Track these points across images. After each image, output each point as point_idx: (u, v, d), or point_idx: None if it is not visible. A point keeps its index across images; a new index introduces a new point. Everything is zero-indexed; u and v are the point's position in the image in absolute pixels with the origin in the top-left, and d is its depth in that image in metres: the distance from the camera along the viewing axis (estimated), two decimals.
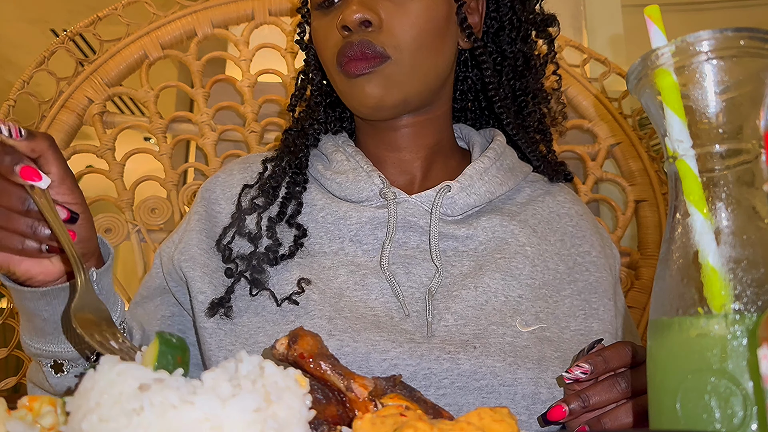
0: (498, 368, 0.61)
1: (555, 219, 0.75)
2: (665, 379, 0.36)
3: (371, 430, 0.34)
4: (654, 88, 0.38)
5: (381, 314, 0.65)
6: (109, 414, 0.31)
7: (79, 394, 0.33)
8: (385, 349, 0.61)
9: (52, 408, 0.39)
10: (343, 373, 0.41)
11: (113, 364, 0.33)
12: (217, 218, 0.75)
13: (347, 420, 0.40)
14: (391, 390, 0.41)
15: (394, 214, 0.69)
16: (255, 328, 0.65)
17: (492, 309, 0.65)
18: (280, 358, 0.42)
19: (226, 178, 0.79)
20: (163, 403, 0.31)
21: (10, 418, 0.38)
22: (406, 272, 0.67)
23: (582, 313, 0.69)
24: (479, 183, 0.72)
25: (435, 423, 0.33)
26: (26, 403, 0.39)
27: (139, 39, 1.15)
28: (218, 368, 0.34)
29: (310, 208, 0.73)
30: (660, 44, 0.38)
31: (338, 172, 0.74)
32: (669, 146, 0.38)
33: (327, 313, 0.64)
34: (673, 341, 0.36)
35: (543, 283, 0.69)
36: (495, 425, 0.34)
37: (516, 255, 0.69)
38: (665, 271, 0.38)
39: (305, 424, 0.34)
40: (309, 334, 0.42)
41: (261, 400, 0.32)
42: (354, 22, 0.66)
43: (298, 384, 0.35)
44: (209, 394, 0.31)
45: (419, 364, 0.61)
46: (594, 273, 0.72)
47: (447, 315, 0.65)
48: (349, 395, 0.41)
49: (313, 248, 0.71)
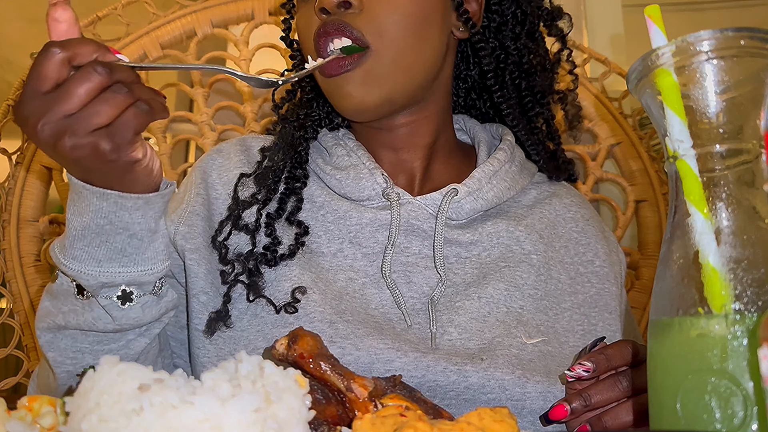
0: (507, 381, 0.60)
1: (561, 223, 0.73)
2: (665, 379, 0.36)
3: (371, 430, 0.34)
4: (654, 88, 0.38)
5: (382, 321, 0.63)
6: (109, 414, 0.31)
7: (78, 394, 0.33)
8: (389, 359, 0.60)
9: (51, 408, 0.39)
10: (343, 374, 0.41)
11: (113, 365, 0.33)
12: (215, 204, 0.71)
13: (347, 420, 0.40)
14: (391, 390, 0.41)
15: (398, 216, 0.66)
16: (254, 332, 0.64)
17: (495, 321, 0.64)
18: (279, 359, 0.42)
19: (223, 162, 0.74)
20: (162, 403, 0.31)
21: (10, 419, 0.38)
22: (407, 281, 0.65)
23: (581, 329, 0.68)
24: (488, 187, 0.69)
25: (435, 423, 0.33)
26: (26, 404, 0.39)
27: (139, 39, 1.15)
28: (218, 368, 0.34)
29: (309, 204, 0.70)
30: (660, 44, 0.38)
31: (338, 167, 0.71)
32: (669, 146, 0.38)
33: (328, 317, 0.62)
34: (674, 341, 0.36)
35: (545, 294, 0.67)
36: (495, 425, 0.34)
37: (521, 264, 0.67)
38: (665, 271, 0.38)
39: (305, 424, 0.34)
40: (309, 335, 0.42)
41: (261, 400, 0.32)
42: (331, 1, 0.62)
43: (298, 384, 0.35)
44: (209, 394, 0.31)
45: (425, 375, 0.59)
46: (596, 285, 0.71)
47: (450, 328, 0.63)
48: (349, 395, 0.41)
49: (312, 247, 0.68)
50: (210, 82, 1.18)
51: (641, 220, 1.16)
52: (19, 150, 1.10)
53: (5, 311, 1.05)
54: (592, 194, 1.18)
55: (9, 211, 1.08)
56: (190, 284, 0.68)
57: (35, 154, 1.10)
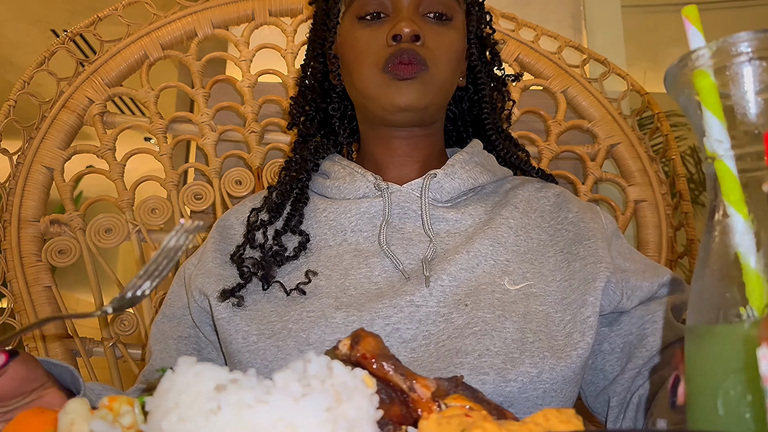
0: (488, 318, 0.68)
1: (534, 200, 0.83)
2: (706, 377, 0.36)
3: (437, 430, 0.35)
4: (692, 89, 0.38)
5: (384, 286, 0.72)
6: (188, 414, 0.32)
7: (158, 394, 0.34)
8: (388, 315, 0.69)
9: (130, 408, 0.41)
10: (406, 374, 0.41)
11: (191, 365, 0.34)
12: (232, 239, 0.83)
13: (410, 420, 0.41)
14: (454, 391, 0.41)
15: (389, 201, 0.78)
16: (267, 311, 0.72)
17: (482, 272, 0.73)
18: (342, 359, 0.42)
19: (239, 208, 0.88)
20: (239, 402, 0.32)
21: (94, 418, 0.40)
22: (404, 251, 0.75)
23: (565, 264, 0.75)
24: (461, 170, 0.81)
25: (502, 424, 0.33)
26: (106, 403, 0.41)
27: (140, 39, 1.15)
28: (287, 369, 0.35)
29: (313, 213, 0.81)
30: (699, 45, 0.38)
31: (336, 179, 0.83)
32: (708, 147, 0.37)
33: (333, 293, 0.72)
34: (715, 340, 0.36)
35: (527, 250, 0.76)
36: (561, 426, 0.34)
37: (501, 226, 0.77)
38: (705, 271, 0.37)
39: (374, 423, 0.35)
40: (371, 335, 0.43)
41: (332, 399, 0.33)
42: (408, 34, 0.77)
43: (366, 384, 0.36)
44: (283, 393, 0.32)
45: (418, 327, 0.69)
46: (572, 231, 0.78)
47: (443, 275, 0.72)
48: (412, 395, 0.41)
49: (318, 245, 0.78)
50: (210, 83, 1.18)
51: (640, 220, 1.16)
52: (20, 150, 1.10)
53: (6, 311, 1.05)
54: (591, 194, 1.18)
55: (10, 211, 1.08)
56: (207, 295, 0.77)
57: (36, 155, 1.10)
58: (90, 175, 1.16)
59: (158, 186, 1.15)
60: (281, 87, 1.22)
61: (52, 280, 1.09)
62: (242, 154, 1.17)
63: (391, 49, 0.77)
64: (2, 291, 1.07)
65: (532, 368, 0.65)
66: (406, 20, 0.77)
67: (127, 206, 1.12)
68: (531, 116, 1.23)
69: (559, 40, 1.23)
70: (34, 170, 1.10)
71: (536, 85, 1.22)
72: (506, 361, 0.65)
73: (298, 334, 0.68)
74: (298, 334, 0.68)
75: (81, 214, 1.11)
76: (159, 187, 1.15)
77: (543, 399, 0.65)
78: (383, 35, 0.78)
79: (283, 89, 1.22)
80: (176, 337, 0.80)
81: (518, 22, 1.23)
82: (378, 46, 0.78)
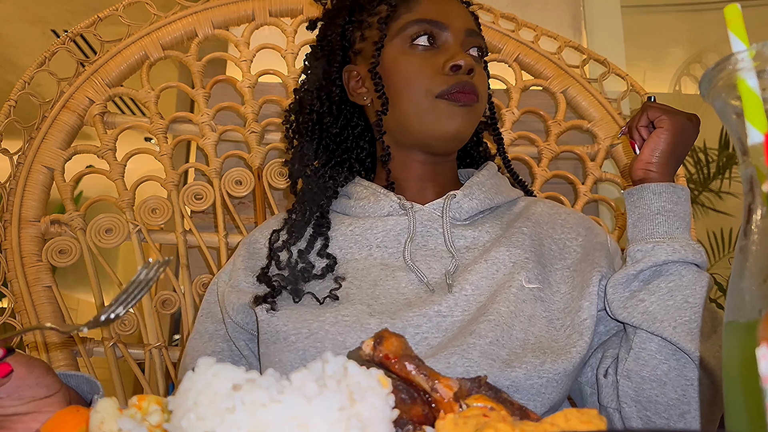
0: (502, 311, 0.73)
1: (546, 217, 0.88)
2: (746, 376, 0.36)
3: (453, 430, 0.35)
4: (730, 92, 0.38)
5: (411, 297, 0.77)
6: (205, 413, 0.33)
7: (179, 394, 0.35)
8: (418, 324, 0.73)
9: (158, 407, 0.42)
10: (428, 374, 0.42)
11: (209, 366, 0.35)
12: (259, 254, 0.87)
13: (433, 420, 0.41)
14: (476, 391, 0.41)
15: (413, 219, 0.82)
16: (302, 311, 0.76)
17: (502, 275, 0.77)
18: (366, 359, 0.42)
19: (263, 226, 0.92)
20: (253, 402, 0.32)
21: (122, 416, 0.41)
22: (428, 266, 0.79)
23: (570, 281, 0.80)
24: (478, 191, 0.85)
25: (518, 424, 0.33)
26: (135, 402, 0.42)
27: (140, 39, 1.15)
28: (306, 368, 0.36)
29: (337, 227, 0.84)
30: (739, 48, 0.38)
31: (360, 199, 0.87)
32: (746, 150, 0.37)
33: (365, 300, 0.76)
34: (755, 342, 0.36)
35: (540, 255, 0.82)
36: (582, 426, 0.34)
37: (515, 233, 0.82)
38: (744, 271, 0.37)
39: (389, 423, 0.35)
40: (394, 336, 0.43)
41: (345, 399, 0.33)
42: (466, 67, 0.81)
43: (381, 384, 0.36)
44: (296, 393, 0.33)
45: (445, 335, 0.73)
46: (580, 252, 0.83)
47: (466, 285, 0.76)
48: (435, 396, 0.41)
49: (345, 257, 0.82)
50: (211, 83, 1.18)
51: None
52: (20, 150, 1.10)
53: (6, 311, 1.05)
54: (591, 194, 1.18)
55: (10, 211, 1.08)
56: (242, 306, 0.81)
57: (36, 155, 1.10)
58: (90, 175, 1.16)
59: (158, 186, 1.15)
60: (281, 87, 1.23)
61: (52, 280, 1.09)
62: (242, 154, 1.17)
63: (450, 78, 0.81)
64: (3, 291, 1.07)
65: (534, 359, 0.71)
66: (463, 54, 0.82)
67: (128, 206, 1.12)
68: (531, 116, 1.23)
69: (558, 40, 1.23)
70: (35, 170, 1.10)
71: (536, 85, 1.22)
72: (510, 354, 0.71)
73: (335, 337, 0.72)
74: (335, 337, 0.72)
75: (81, 214, 1.12)
76: (159, 187, 1.15)
77: (546, 388, 0.70)
78: (436, 64, 0.82)
79: (283, 89, 1.22)
80: (210, 353, 0.84)
81: (518, 23, 1.23)
82: (432, 72, 0.82)
